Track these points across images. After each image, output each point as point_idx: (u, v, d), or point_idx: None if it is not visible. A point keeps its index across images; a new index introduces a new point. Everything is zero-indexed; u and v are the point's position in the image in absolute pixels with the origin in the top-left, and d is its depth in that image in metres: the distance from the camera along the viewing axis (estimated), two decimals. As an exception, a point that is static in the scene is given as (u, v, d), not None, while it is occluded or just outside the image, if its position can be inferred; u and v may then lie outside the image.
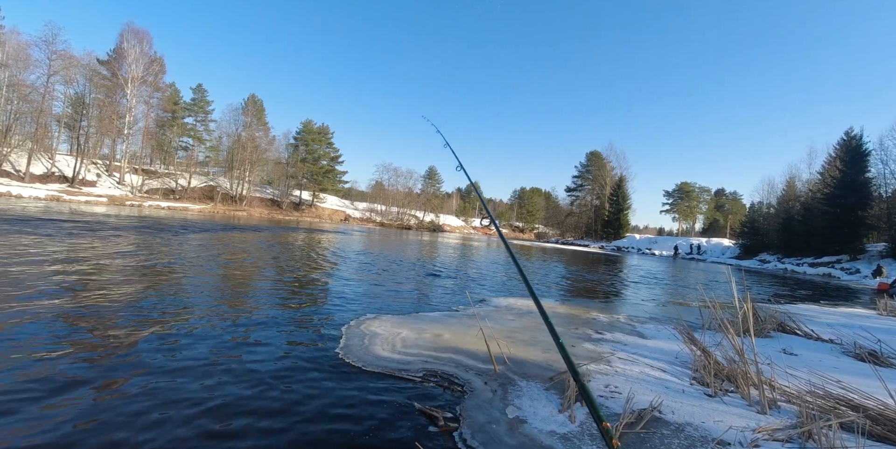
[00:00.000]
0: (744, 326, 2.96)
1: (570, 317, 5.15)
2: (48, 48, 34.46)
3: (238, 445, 1.77)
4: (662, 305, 7.24)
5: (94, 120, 38.72)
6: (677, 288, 10.70)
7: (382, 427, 2.02)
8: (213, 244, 10.03)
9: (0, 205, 17.09)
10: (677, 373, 3.06)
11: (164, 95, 45.57)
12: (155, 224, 14.58)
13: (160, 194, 40.83)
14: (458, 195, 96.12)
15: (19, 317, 3.15)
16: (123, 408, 1.98)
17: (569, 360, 1.04)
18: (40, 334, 2.85)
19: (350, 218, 55.02)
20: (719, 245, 41.13)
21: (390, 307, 4.86)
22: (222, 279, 5.74)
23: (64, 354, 2.54)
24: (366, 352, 3.09)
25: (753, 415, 2.32)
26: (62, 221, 11.63)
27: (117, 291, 4.33)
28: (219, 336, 3.18)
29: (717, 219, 69.85)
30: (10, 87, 34.75)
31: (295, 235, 17.44)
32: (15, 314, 3.20)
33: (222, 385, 2.33)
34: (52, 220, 11.88)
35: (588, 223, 58.87)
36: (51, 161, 36.52)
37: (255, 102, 51.86)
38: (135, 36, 40.20)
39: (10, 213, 12.93)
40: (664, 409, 2.31)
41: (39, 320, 3.12)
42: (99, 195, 33.33)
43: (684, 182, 72.29)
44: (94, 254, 6.55)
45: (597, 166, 60.36)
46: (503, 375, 2.78)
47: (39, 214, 13.42)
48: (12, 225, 9.47)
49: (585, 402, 0.85)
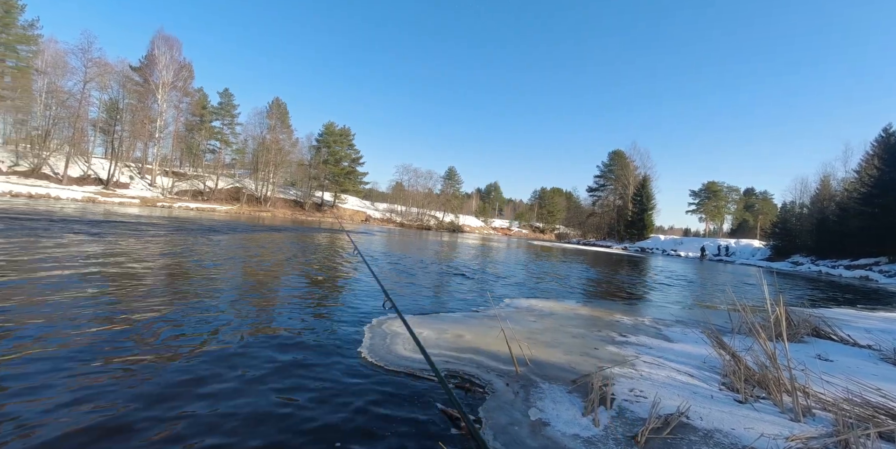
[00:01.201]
0: (776, 330, 2.86)
1: (592, 319, 5.08)
2: (84, 56, 36.07)
3: (260, 441, 1.82)
4: (689, 307, 7.06)
5: (128, 124, 40.35)
6: (704, 290, 10.41)
7: (405, 426, 2.03)
8: (239, 244, 10.29)
9: (41, 206, 17.95)
10: (705, 378, 2.98)
11: (192, 100, 47.10)
12: (185, 224, 15.06)
13: (189, 196, 42.14)
14: (478, 196, 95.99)
15: (61, 310, 3.31)
16: (148, 402, 2.06)
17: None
18: (80, 320, 2.98)
19: (370, 218, 55.60)
20: (749, 246, 39.78)
21: (411, 307, 4.89)
22: (248, 278, 5.89)
23: (98, 342, 2.66)
24: (388, 351, 3.12)
25: (786, 422, 2.24)
26: (99, 222, 12.14)
27: (147, 287, 4.50)
28: (241, 334, 3.26)
29: (747, 219, 67.63)
30: (48, 94, 36.54)
31: (317, 235, 17.73)
32: (56, 307, 3.36)
33: (244, 383, 2.38)
34: (93, 221, 12.42)
35: (610, 224, 57.84)
36: (87, 164, 38.13)
37: (279, 106, 52.99)
38: (165, 43, 41.67)
39: (52, 214, 13.57)
40: (692, 414, 2.25)
41: (79, 315, 3.27)
42: (132, 197, 34.63)
43: (711, 181, 70.31)
44: (130, 252, 6.81)
45: (619, 166, 59.25)
46: (525, 376, 2.77)
47: (76, 215, 14.04)
48: (54, 223, 9.94)
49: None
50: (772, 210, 59.74)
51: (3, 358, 2.39)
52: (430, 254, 13.76)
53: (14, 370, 2.26)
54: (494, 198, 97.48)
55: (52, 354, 2.52)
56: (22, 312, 3.26)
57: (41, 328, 2.93)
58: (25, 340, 2.70)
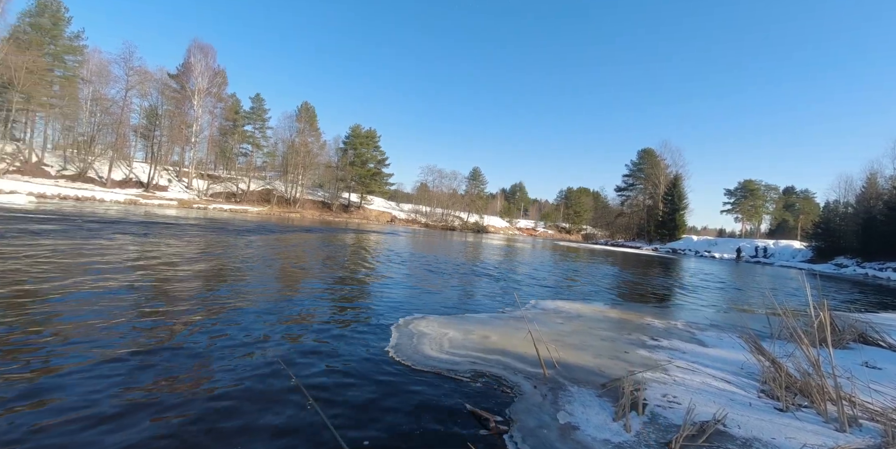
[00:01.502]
0: (819, 335, 2.73)
1: (621, 321, 4.97)
2: (126, 65, 37.88)
3: (291, 440, 1.86)
4: (724, 311, 6.81)
5: (166, 129, 42.18)
6: (741, 293, 10.01)
7: (433, 426, 2.05)
8: (272, 245, 10.59)
9: (87, 208, 18.98)
10: (743, 384, 2.87)
11: (226, 105, 48.84)
12: (220, 225, 15.62)
13: (223, 197, 43.66)
14: (503, 196, 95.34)
15: (105, 304, 3.49)
16: (181, 393, 2.14)
17: None
18: (122, 314, 3.15)
19: (396, 219, 56.12)
20: (788, 247, 37.96)
21: (437, 307, 4.91)
22: (280, 278, 6.05)
23: (136, 333, 2.79)
24: (415, 351, 3.15)
25: (831, 432, 2.13)
26: (143, 223, 12.75)
27: (185, 283, 4.69)
28: (271, 331, 3.35)
29: (786, 219, 64.56)
30: (93, 101, 38.64)
31: (345, 235, 18.04)
32: (100, 302, 3.56)
33: (269, 381, 2.45)
34: (137, 222, 13.05)
35: (640, 224, 56.34)
36: (128, 168, 40.08)
37: (307, 109, 54.22)
38: (200, 51, 43.36)
39: (100, 216, 14.34)
40: (729, 422, 2.17)
41: (109, 304, 3.45)
42: (170, 199, 36.15)
43: (748, 180, 67.61)
44: (170, 250, 7.12)
45: (650, 164, 57.64)
46: (553, 379, 2.73)
47: (121, 216, 14.78)
48: (105, 224, 10.50)
49: None
50: (814, 209, 56.75)
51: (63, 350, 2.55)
52: (455, 254, 13.77)
53: (70, 363, 2.40)
54: (519, 198, 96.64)
55: (101, 355, 2.66)
56: (75, 307, 3.46)
57: (91, 327, 3.11)
58: (83, 345, 2.86)
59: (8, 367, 2.28)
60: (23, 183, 27.20)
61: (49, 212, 13.92)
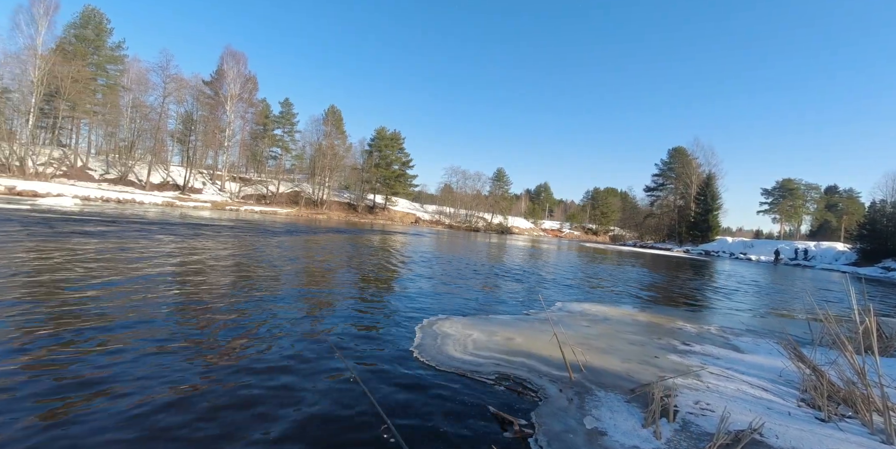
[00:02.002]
0: (865, 342, 2.59)
1: (651, 325, 4.83)
2: (163, 73, 39.66)
3: (315, 439, 1.90)
4: (761, 316, 6.53)
5: (201, 134, 43.84)
6: (779, 297, 9.57)
7: (457, 427, 2.05)
8: (301, 246, 10.85)
9: (127, 210, 19.92)
10: (781, 393, 2.74)
11: (257, 110, 50.36)
12: (252, 226, 16.11)
13: (254, 199, 45.04)
14: (527, 197, 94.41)
15: (144, 300, 3.66)
16: (214, 402, 2.22)
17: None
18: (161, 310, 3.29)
19: (420, 220, 56.46)
20: (831, 250, 36.04)
21: (461, 309, 4.90)
22: (308, 277, 6.18)
23: (172, 329, 2.91)
24: (438, 352, 3.15)
25: (876, 445, 2.01)
26: (183, 224, 13.29)
27: (215, 284, 4.85)
28: (296, 329, 3.43)
29: (829, 220, 61.37)
30: (133, 108, 40.58)
31: (370, 236, 18.27)
32: (140, 299, 3.72)
33: (296, 378, 2.50)
34: (177, 224, 13.62)
35: (670, 225, 54.69)
36: (166, 171, 41.86)
37: (334, 113, 55.25)
38: (232, 58, 44.88)
39: (141, 217, 15.04)
40: (766, 431, 2.08)
41: (148, 297, 3.60)
42: (204, 201, 37.52)
43: (787, 179, 64.64)
44: (206, 250, 7.39)
45: (681, 163, 55.91)
46: (579, 383, 2.69)
47: (161, 218, 15.46)
48: (144, 225, 11.01)
49: None
50: (858, 210, 53.71)
51: (96, 348, 2.69)
52: (478, 255, 13.73)
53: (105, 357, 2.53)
54: (544, 199, 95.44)
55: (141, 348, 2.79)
56: (126, 300, 3.64)
57: (132, 322, 3.26)
58: (122, 330, 3.01)
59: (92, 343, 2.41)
60: (69, 186, 28.80)
61: (93, 214, 14.68)
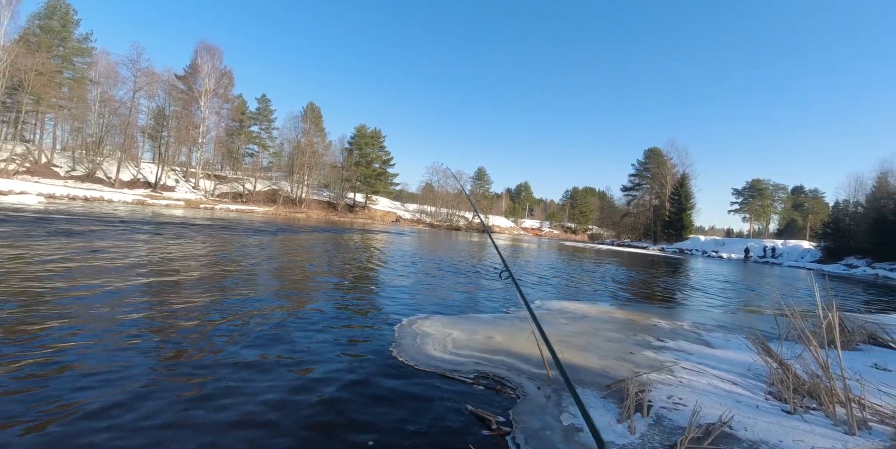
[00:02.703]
0: (828, 336, 2.69)
1: (628, 322, 4.93)
2: (133, 66, 38.35)
3: (291, 440, 1.86)
4: (732, 312, 6.74)
5: (173, 130, 42.60)
6: (749, 294, 9.91)
7: (436, 427, 2.04)
8: (278, 245, 10.64)
9: (95, 208, 19.18)
10: (750, 386, 2.83)
11: (232, 106, 49.17)
12: (227, 225, 15.72)
13: (229, 198, 43.99)
14: (508, 196, 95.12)
15: (114, 304, 3.52)
16: (179, 396, 2.15)
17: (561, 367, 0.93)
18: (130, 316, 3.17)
19: (401, 219, 56.23)
20: (797, 248, 37.52)
21: (441, 308, 4.90)
22: (282, 277, 6.07)
23: (140, 336, 2.81)
24: (418, 351, 3.14)
25: (839, 435, 2.10)
26: (154, 223, 12.86)
27: (189, 284, 4.72)
28: (273, 331, 3.36)
29: (795, 219, 63.92)
30: (102, 103, 39.11)
31: (349, 236, 18.09)
32: (109, 301, 3.58)
33: (273, 380, 2.45)
34: (148, 222, 13.17)
35: (646, 224, 55.98)
36: (136, 168, 40.48)
37: (313, 110, 54.48)
38: (207, 52, 43.74)
39: (110, 216, 14.49)
40: (735, 424, 2.15)
41: (131, 310, 3.47)
42: (177, 199, 36.46)
43: (756, 179, 66.99)
44: (179, 250, 7.17)
45: (656, 164, 57.24)
46: (557, 380, 2.72)
47: (129, 217, 14.93)
48: (108, 224, 10.60)
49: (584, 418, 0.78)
50: (823, 209, 56.08)
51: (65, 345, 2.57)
52: (459, 254, 13.76)
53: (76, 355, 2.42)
54: (525, 198, 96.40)
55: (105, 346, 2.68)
56: (87, 306, 3.49)
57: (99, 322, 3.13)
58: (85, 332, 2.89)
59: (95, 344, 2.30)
60: (32, 184, 27.56)
61: (58, 212, 14.08)
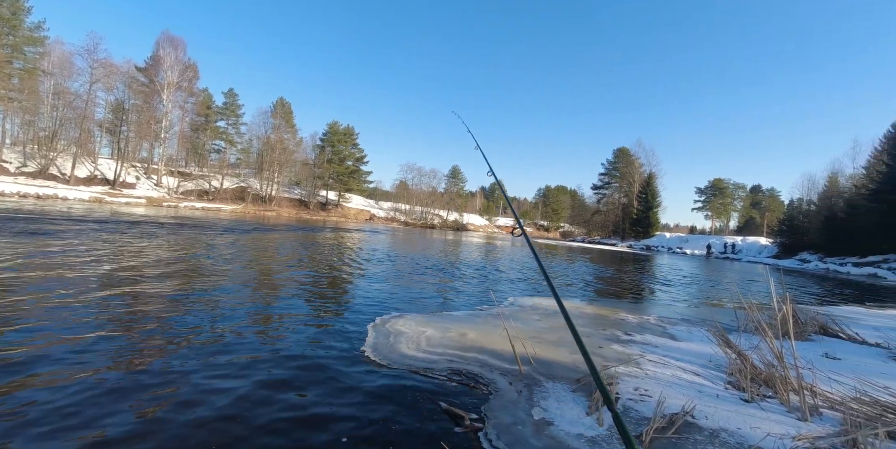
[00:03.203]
0: (783, 328, 2.84)
1: (597, 317, 5.06)
2: (90, 57, 36.24)
3: (265, 439, 1.82)
4: (695, 305, 7.02)
5: (133, 125, 40.59)
6: (710, 288, 10.34)
7: (408, 425, 2.03)
8: (244, 244, 10.34)
9: (48, 206, 18.12)
10: (711, 377, 2.96)
11: (197, 100, 47.27)
12: (191, 224, 15.16)
13: (195, 195, 42.38)
14: (482, 194, 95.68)
15: (67, 311, 3.34)
16: (150, 398, 2.07)
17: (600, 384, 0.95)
18: (85, 327, 3.01)
19: (375, 217, 55.68)
20: (755, 244, 39.44)
21: (415, 306, 4.89)
22: (252, 278, 5.91)
23: (103, 346, 2.68)
24: (391, 350, 3.12)
25: (793, 422, 2.22)
26: (105, 222, 12.24)
27: (154, 287, 4.52)
28: (245, 332, 3.27)
29: (753, 217, 67.09)
30: (55, 95, 36.91)
31: (322, 234, 17.78)
32: (63, 308, 3.39)
33: (246, 381, 2.39)
34: (97, 220, 12.52)
35: (615, 222, 57.54)
36: (93, 164, 38.44)
37: (283, 105, 53.11)
38: (170, 43, 41.84)
39: (64, 214, 13.70)
40: (697, 413, 2.24)
41: (87, 315, 3.30)
42: (138, 197, 34.87)
43: (718, 178, 69.83)
44: (135, 252, 6.86)
45: (624, 163, 58.89)
46: (529, 375, 2.76)
47: (85, 215, 14.16)
48: (58, 225, 10.03)
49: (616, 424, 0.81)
50: (779, 207, 59.13)
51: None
52: (434, 252, 13.76)
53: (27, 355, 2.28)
54: (499, 196, 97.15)
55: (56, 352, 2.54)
56: (39, 310, 3.29)
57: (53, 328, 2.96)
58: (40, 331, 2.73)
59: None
60: (-22, 180, 25.75)
61: (7, 210, 13.23)
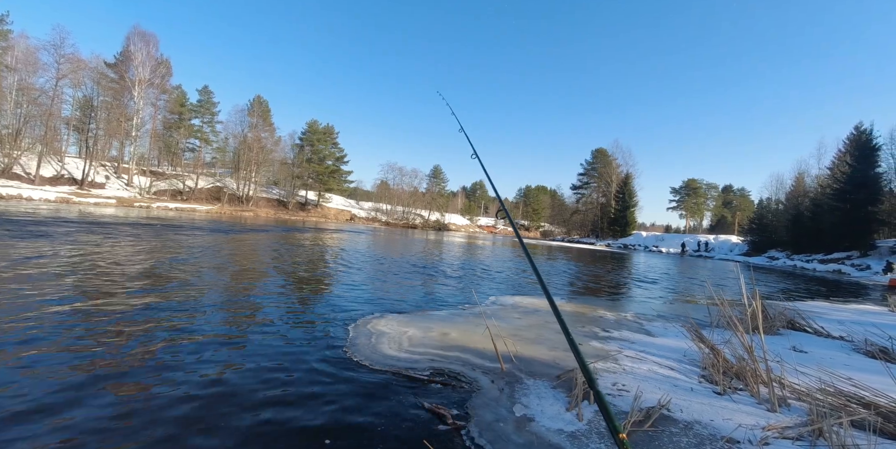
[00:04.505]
0: (753, 323, 2.94)
1: (576, 315, 5.14)
2: (56, 52, 34.82)
3: (247, 441, 1.79)
4: (670, 302, 7.20)
5: (103, 122, 39.09)
6: (685, 285, 10.63)
7: (391, 425, 2.03)
8: (221, 245, 10.11)
9: (11, 207, 17.32)
10: (686, 371, 3.04)
11: (170, 97, 45.93)
12: (163, 225, 14.72)
13: (168, 195, 41.16)
14: (464, 194, 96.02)
15: (34, 316, 3.20)
16: (130, 401, 2.01)
17: (585, 367, 0.97)
18: (55, 330, 2.89)
19: (355, 218, 55.20)
20: (727, 242, 40.76)
21: (397, 306, 4.87)
22: (230, 280, 5.79)
23: (76, 350, 2.58)
24: (373, 351, 3.11)
25: (763, 413, 2.31)
26: (72, 223, 11.78)
27: (127, 291, 4.38)
28: (225, 334, 3.21)
29: (725, 216, 69.28)
30: (19, 91, 35.21)
31: (301, 235, 17.52)
32: (29, 313, 3.25)
33: (227, 382, 2.35)
34: (63, 221, 12.03)
35: (594, 221, 58.56)
36: (60, 163, 36.91)
37: (260, 103, 52.07)
38: (141, 39, 40.51)
39: (23, 215, 13.11)
40: (672, 407, 2.30)
41: (53, 319, 3.17)
42: (108, 197, 33.65)
43: (691, 179, 71.74)
44: (105, 255, 6.62)
45: (602, 164, 59.97)
46: (510, 373, 2.79)
47: (50, 216, 13.59)
48: (23, 227, 9.60)
49: (603, 414, 0.82)
50: (749, 206, 61.26)
51: None
52: (416, 252, 13.73)
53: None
54: (480, 196, 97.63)
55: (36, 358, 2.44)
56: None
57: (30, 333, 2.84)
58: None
59: None
60: (-67, 179, 24.42)
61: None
